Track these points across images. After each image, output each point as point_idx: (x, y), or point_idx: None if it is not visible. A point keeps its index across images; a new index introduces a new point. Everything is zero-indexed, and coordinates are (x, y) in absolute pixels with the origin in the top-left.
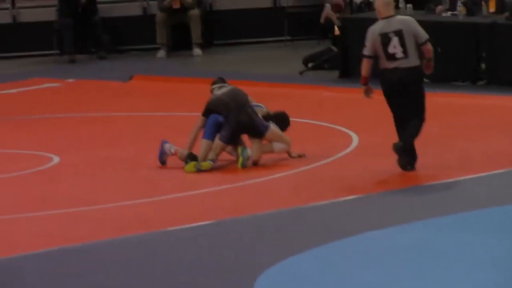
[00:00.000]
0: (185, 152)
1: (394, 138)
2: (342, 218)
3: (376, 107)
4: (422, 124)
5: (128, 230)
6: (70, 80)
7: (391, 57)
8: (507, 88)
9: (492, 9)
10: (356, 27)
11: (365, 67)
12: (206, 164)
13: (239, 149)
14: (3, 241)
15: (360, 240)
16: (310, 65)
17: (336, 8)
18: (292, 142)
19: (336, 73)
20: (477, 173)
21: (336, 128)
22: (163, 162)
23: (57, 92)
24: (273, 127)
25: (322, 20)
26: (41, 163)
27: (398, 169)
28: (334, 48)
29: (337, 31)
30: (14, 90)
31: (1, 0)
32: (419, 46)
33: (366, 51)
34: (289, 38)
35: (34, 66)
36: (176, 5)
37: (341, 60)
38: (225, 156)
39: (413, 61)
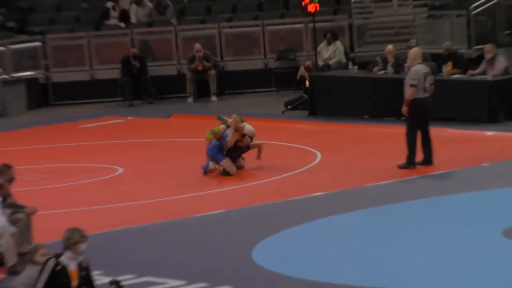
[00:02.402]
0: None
1: (345, 157)
2: (314, 207)
3: (333, 136)
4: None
5: (172, 216)
6: (129, 118)
7: None
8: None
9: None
10: (320, 82)
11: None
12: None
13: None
14: (92, 223)
15: (327, 221)
16: (289, 107)
17: (307, 69)
18: (275, 157)
19: (306, 112)
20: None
21: (306, 148)
22: (205, 173)
23: (121, 126)
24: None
25: (297, 77)
26: (111, 173)
27: (346, 174)
28: (305, 96)
29: (307, 84)
30: (92, 125)
31: (81, 64)
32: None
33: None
34: (275, 89)
35: (105, 108)
36: (200, 68)
37: (309, 104)
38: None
39: None
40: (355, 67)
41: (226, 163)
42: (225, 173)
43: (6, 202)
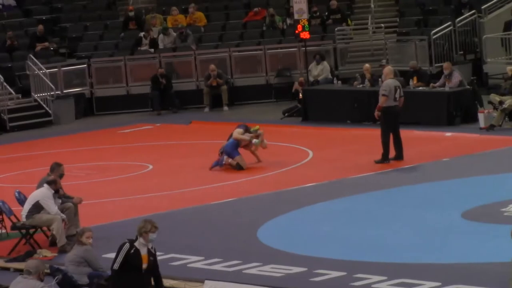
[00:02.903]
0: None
1: (332, 154)
2: (309, 195)
3: (322, 137)
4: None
5: (192, 203)
6: (158, 124)
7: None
8: None
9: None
10: (311, 94)
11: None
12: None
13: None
14: (125, 210)
15: (318, 206)
16: (286, 114)
17: (300, 84)
18: (275, 155)
19: (300, 118)
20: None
21: (300, 148)
22: (216, 166)
23: (151, 131)
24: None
25: (293, 90)
26: (142, 169)
27: (333, 168)
28: (299, 105)
29: (300, 96)
30: (127, 130)
31: (119, 81)
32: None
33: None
34: (274, 100)
35: (138, 117)
36: (214, 84)
37: (303, 111)
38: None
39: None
40: (339, 82)
41: (240, 158)
42: (239, 167)
43: (58, 194)
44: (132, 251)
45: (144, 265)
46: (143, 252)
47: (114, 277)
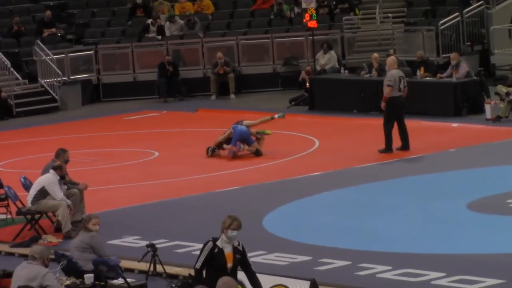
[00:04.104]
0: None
1: (338, 143)
2: (315, 184)
3: (328, 127)
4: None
5: (197, 191)
6: (164, 112)
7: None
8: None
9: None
10: (318, 83)
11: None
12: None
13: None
14: (130, 197)
15: (324, 196)
16: (293, 103)
17: (307, 73)
18: (282, 143)
19: (306, 107)
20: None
21: (306, 137)
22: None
23: (157, 118)
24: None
25: (299, 79)
26: (148, 156)
27: (339, 157)
28: (306, 94)
29: (307, 85)
30: (134, 117)
31: (126, 68)
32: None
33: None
34: (281, 89)
35: (145, 104)
36: (221, 71)
37: (309, 100)
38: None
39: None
40: (346, 71)
41: (257, 144)
42: (258, 153)
43: (63, 180)
44: (216, 250)
45: (229, 265)
46: (227, 250)
47: (196, 277)
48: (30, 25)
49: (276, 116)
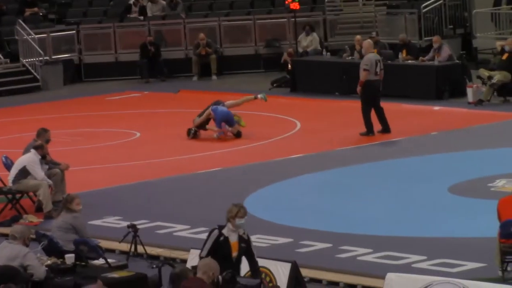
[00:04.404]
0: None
1: (320, 125)
2: (296, 166)
3: (310, 109)
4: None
5: (179, 172)
6: (146, 92)
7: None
8: None
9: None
10: (300, 65)
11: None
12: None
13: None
14: (112, 177)
15: (304, 178)
16: (274, 85)
17: (289, 55)
18: (263, 125)
19: (288, 89)
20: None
21: (288, 118)
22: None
23: (139, 99)
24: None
25: (282, 61)
26: (130, 136)
27: (320, 140)
28: (288, 76)
29: (289, 67)
30: (115, 97)
31: (108, 48)
32: None
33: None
34: (263, 70)
35: (126, 85)
36: (203, 53)
37: (291, 82)
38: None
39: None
40: (328, 53)
41: (237, 126)
42: (238, 134)
43: (45, 159)
44: (221, 238)
45: (234, 254)
46: (233, 239)
47: None
48: (12, 4)
49: (259, 96)
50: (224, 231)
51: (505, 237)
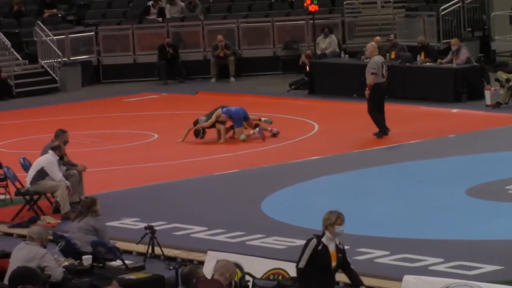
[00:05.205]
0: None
1: (338, 127)
2: (313, 168)
3: (328, 111)
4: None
5: (196, 174)
6: (164, 94)
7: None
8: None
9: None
10: (318, 67)
11: None
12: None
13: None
14: (129, 179)
15: (322, 180)
16: (292, 87)
17: (307, 57)
18: (281, 127)
19: (306, 91)
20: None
21: (306, 120)
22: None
23: (157, 100)
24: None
25: (300, 63)
26: (148, 138)
27: (339, 142)
28: (306, 78)
29: (307, 69)
30: (134, 99)
31: (126, 50)
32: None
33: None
34: (281, 72)
35: (144, 86)
36: (221, 54)
37: (309, 84)
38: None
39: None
40: (346, 55)
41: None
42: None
43: (62, 160)
44: (320, 247)
45: (333, 263)
46: (331, 248)
47: (300, 278)
48: (31, 6)
49: (263, 119)
50: (324, 240)
51: None
